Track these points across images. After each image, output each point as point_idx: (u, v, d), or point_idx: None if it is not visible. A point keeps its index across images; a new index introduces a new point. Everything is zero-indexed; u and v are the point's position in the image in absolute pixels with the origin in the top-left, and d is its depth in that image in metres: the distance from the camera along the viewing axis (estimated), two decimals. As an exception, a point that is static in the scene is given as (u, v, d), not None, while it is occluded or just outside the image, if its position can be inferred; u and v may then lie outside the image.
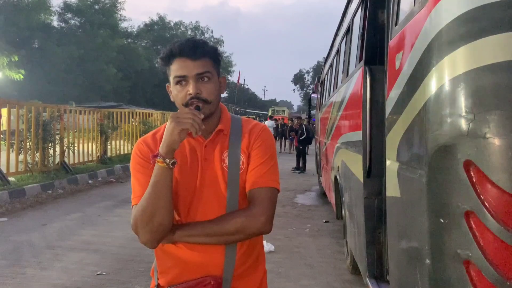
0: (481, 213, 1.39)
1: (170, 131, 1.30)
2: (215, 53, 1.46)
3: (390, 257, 2.44)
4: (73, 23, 35.53)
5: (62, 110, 10.95)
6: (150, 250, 4.75)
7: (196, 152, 1.46)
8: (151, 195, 1.34)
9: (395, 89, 2.18)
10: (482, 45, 1.45)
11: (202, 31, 47.63)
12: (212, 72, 1.42)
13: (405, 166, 2.00)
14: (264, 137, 1.49)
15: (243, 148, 1.47)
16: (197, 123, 1.30)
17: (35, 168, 9.43)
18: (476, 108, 1.42)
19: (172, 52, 1.41)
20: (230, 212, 1.41)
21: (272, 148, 1.51)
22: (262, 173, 1.44)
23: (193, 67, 1.38)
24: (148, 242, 1.40)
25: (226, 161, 1.45)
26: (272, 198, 1.43)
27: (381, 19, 3.21)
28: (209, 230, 1.38)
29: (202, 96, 1.39)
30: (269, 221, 1.40)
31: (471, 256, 1.41)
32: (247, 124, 1.53)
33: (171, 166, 1.32)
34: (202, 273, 1.43)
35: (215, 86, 1.43)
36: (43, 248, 5.14)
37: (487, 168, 1.38)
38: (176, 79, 1.40)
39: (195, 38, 1.46)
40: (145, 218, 1.35)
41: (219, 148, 1.46)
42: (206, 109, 1.39)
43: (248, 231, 1.39)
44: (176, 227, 1.41)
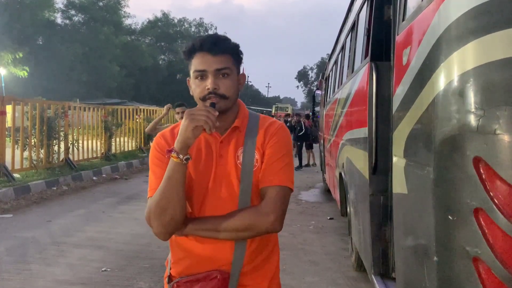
0: (491, 210, 1.37)
1: (185, 128, 1.31)
2: (236, 50, 1.47)
3: (397, 254, 2.42)
4: (77, 20, 35.57)
5: (67, 107, 10.98)
6: (154, 246, 4.77)
7: (211, 148, 1.48)
8: (164, 189, 1.36)
9: (402, 85, 2.16)
10: (492, 40, 1.43)
11: (206, 28, 47.59)
12: (232, 69, 1.43)
13: (412, 162, 1.99)
14: (280, 135, 1.49)
15: (258, 145, 1.47)
16: (211, 120, 1.30)
17: (39, 165, 9.46)
18: (486, 104, 1.40)
19: (193, 46, 1.42)
20: (241, 208, 1.42)
21: (287, 146, 1.50)
22: (275, 171, 1.44)
23: (213, 62, 1.40)
24: (160, 234, 1.42)
25: (240, 158, 1.46)
26: (283, 197, 1.43)
27: (387, 15, 3.18)
28: (218, 225, 1.39)
29: (219, 92, 1.40)
30: (279, 220, 1.40)
31: (480, 253, 1.40)
32: (264, 122, 1.53)
33: (184, 162, 1.34)
34: (211, 267, 1.45)
35: (234, 83, 1.45)
36: (48, 244, 5.15)
37: (497, 164, 1.37)
38: (195, 73, 1.42)
39: (217, 34, 1.48)
40: (158, 211, 1.38)
41: (234, 144, 1.47)
42: (222, 105, 1.40)
43: (257, 228, 1.39)
44: (188, 221, 1.43)
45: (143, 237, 5.48)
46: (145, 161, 13.60)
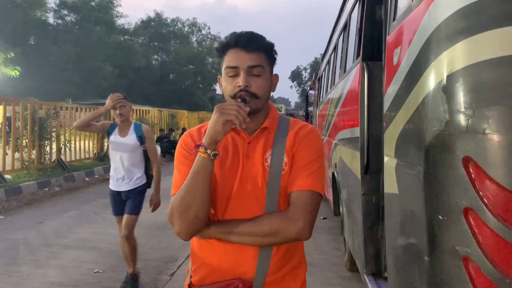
0: (480, 210, 1.37)
1: (214, 122, 1.26)
2: (271, 49, 1.42)
3: (388, 254, 2.43)
4: (69, 20, 35.31)
5: (59, 107, 10.91)
6: (147, 248, 4.72)
7: (238, 148, 1.43)
8: (189, 185, 1.31)
9: (393, 85, 2.16)
10: (481, 40, 1.43)
11: (199, 28, 47.43)
12: (265, 68, 1.39)
13: (403, 162, 1.99)
14: (311, 138, 1.43)
15: (288, 148, 1.41)
16: (241, 115, 1.25)
17: (31, 166, 9.39)
18: (475, 104, 1.41)
19: (227, 42, 1.38)
20: (267, 213, 1.36)
21: (318, 150, 1.43)
22: (305, 175, 1.37)
23: (246, 59, 1.35)
24: (181, 233, 1.36)
25: (268, 160, 1.40)
26: (313, 203, 1.36)
27: (378, 15, 3.19)
28: (243, 229, 1.33)
29: (251, 90, 1.35)
30: (307, 227, 1.33)
31: (470, 252, 1.40)
32: (294, 125, 1.47)
33: (212, 158, 1.29)
34: (233, 274, 1.38)
35: (266, 82, 1.40)
36: (40, 246, 5.11)
37: (486, 164, 1.37)
38: (227, 70, 1.38)
39: (252, 31, 1.43)
40: (181, 208, 1.33)
41: (263, 146, 1.42)
42: (253, 104, 1.35)
43: (284, 234, 1.32)
44: (211, 223, 1.38)
45: (136, 238, 5.45)
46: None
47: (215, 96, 49.63)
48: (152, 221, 6.30)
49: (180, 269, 4.43)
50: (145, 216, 6.69)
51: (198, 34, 47.65)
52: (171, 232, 5.73)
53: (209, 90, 49.73)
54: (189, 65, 43.59)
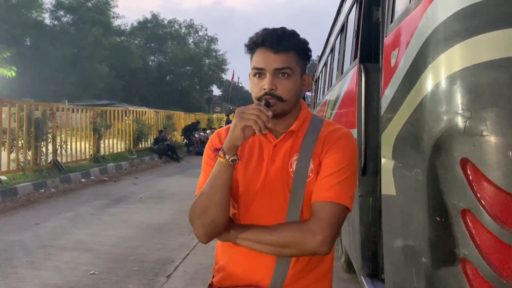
0: (478, 211, 1.38)
1: (233, 127, 1.22)
2: (303, 48, 1.34)
3: (385, 256, 2.43)
4: (66, 21, 35.23)
5: (55, 108, 10.87)
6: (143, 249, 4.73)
7: (263, 151, 1.38)
8: (208, 189, 1.29)
9: (391, 86, 2.16)
10: (479, 42, 1.44)
11: (196, 29, 47.41)
12: (294, 69, 1.31)
13: (400, 164, 1.99)
14: (342, 143, 1.34)
15: (315, 153, 1.33)
16: (262, 120, 1.19)
17: (27, 167, 9.35)
18: (473, 106, 1.41)
19: (255, 41, 1.32)
20: (287, 222, 1.31)
21: (349, 158, 1.33)
22: (331, 185, 1.29)
23: (273, 61, 1.28)
24: (199, 235, 1.35)
25: (293, 165, 1.34)
26: (336, 216, 1.27)
27: (376, 17, 3.20)
28: (261, 237, 1.29)
29: (276, 93, 1.29)
30: (327, 241, 1.25)
31: (468, 254, 1.40)
32: (327, 127, 1.38)
33: (231, 163, 1.25)
34: (250, 280, 1.36)
35: (294, 84, 1.32)
36: (35, 247, 5.09)
37: (484, 166, 1.37)
38: (254, 71, 1.32)
39: (283, 29, 1.34)
40: (199, 211, 1.31)
41: (289, 150, 1.35)
42: (278, 108, 1.29)
43: (301, 247, 1.26)
44: (231, 226, 1.34)
45: (132, 239, 5.44)
46: (134, 162, 13.52)
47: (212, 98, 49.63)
48: (149, 222, 6.29)
49: (176, 270, 4.42)
50: (142, 217, 6.70)
51: (195, 35, 47.65)
52: (168, 234, 5.74)
53: (206, 92, 49.75)
54: (186, 66, 43.57)
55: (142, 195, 8.53)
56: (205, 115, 30.43)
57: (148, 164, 14.22)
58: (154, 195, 8.63)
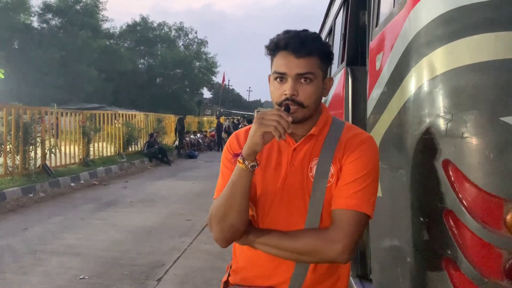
0: (460, 212, 1.41)
1: (253, 133, 1.20)
2: (326, 52, 1.32)
3: (373, 256, 2.46)
4: (54, 24, 34.98)
5: (43, 112, 10.79)
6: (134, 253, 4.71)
7: (282, 155, 1.36)
8: (227, 194, 1.28)
9: (376, 89, 2.20)
10: (460, 46, 1.47)
11: (186, 32, 47.36)
12: (316, 74, 1.29)
13: (386, 165, 2.02)
14: (364, 149, 1.32)
15: (336, 158, 1.32)
16: (282, 126, 1.17)
17: (15, 171, 9.26)
18: (454, 108, 1.45)
19: (278, 44, 1.29)
20: (307, 229, 1.30)
21: (371, 164, 1.32)
22: (352, 192, 1.27)
23: (295, 66, 1.26)
24: (218, 240, 1.34)
25: (313, 170, 1.32)
26: (357, 224, 1.27)
27: (362, 20, 3.24)
28: (280, 243, 1.29)
29: (297, 99, 1.27)
30: (347, 250, 1.24)
31: (451, 254, 1.43)
32: (348, 131, 1.37)
33: (250, 169, 1.24)
34: (269, 282, 1.36)
35: (316, 89, 1.30)
36: (24, 252, 5.04)
37: (465, 167, 1.41)
38: (275, 75, 1.30)
39: (306, 32, 1.32)
40: (218, 216, 1.30)
41: (309, 154, 1.34)
42: (299, 114, 1.27)
43: (320, 255, 1.26)
44: (251, 230, 1.33)
45: (123, 243, 5.42)
46: (124, 166, 13.46)
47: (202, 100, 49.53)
48: (139, 226, 6.27)
49: (167, 274, 4.41)
50: (132, 220, 6.67)
51: (185, 38, 47.57)
52: (159, 237, 5.73)
53: (197, 94, 49.66)
54: (176, 69, 43.48)
55: (132, 199, 8.50)
56: (196, 117, 30.38)
57: (138, 168, 14.15)
58: (144, 198, 8.59)
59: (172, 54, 42.26)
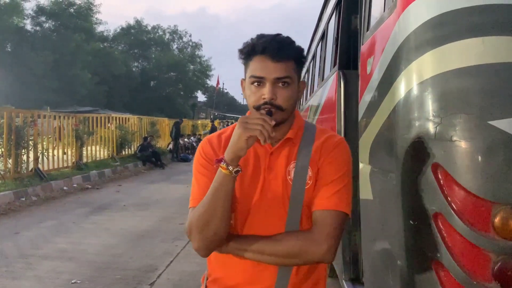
0: (449, 215, 1.42)
1: (237, 137, 1.19)
2: (300, 56, 1.33)
3: (365, 259, 2.46)
4: (47, 27, 34.84)
5: (36, 116, 10.73)
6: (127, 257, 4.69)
7: (260, 159, 1.35)
8: (209, 202, 1.25)
9: (367, 93, 2.21)
10: (448, 50, 1.49)
11: (181, 35, 47.34)
12: (293, 77, 1.30)
13: (377, 169, 2.03)
14: (339, 151, 1.35)
15: (313, 161, 1.33)
16: (266, 130, 1.18)
17: (7, 175, 9.20)
18: (443, 112, 1.46)
19: (254, 48, 1.28)
20: (289, 232, 1.30)
21: (347, 165, 1.35)
22: (331, 193, 1.29)
23: (273, 70, 1.26)
24: (200, 249, 1.31)
25: (291, 173, 1.33)
26: (339, 224, 1.28)
27: (354, 24, 3.26)
28: (263, 247, 1.27)
29: (276, 103, 1.27)
30: (332, 250, 1.26)
31: (440, 256, 1.44)
32: (321, 134, 1.39)
33: (234, 174, 1.22)
34: None
35: (293, 93, 1.31)
36: (16, 257, 5.01)
37: (454, 170, 1.42)
38: (252, 79, 1.29)
39: (281, 36, 1.32)
40: (200, 225, 1.26)
41: (286, 158, 1.34)
42: (278, 116, 1.27)
43: (306, 257, 1.26)
44: (231, 238, 1.31)
45: (115, 247, 5.39)
46: (117, 170, 13.40)
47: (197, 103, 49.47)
48: (132, 230, 6.24)
49: (160, 278, 4.39)
50: (125, 224, 6.64)
51: (179, 41, 47.57)
52: (151, 241, 5.71)
53: (191, 98, 49.63)
54: (170, 72, 43.44)
55: (125, 203, 8.46)
56: (190, 121, 30.34)
57: (131, 171, 14.10)
58: (137, 202, 8.56)
59: (166, 57, 42.22)
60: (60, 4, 34.38)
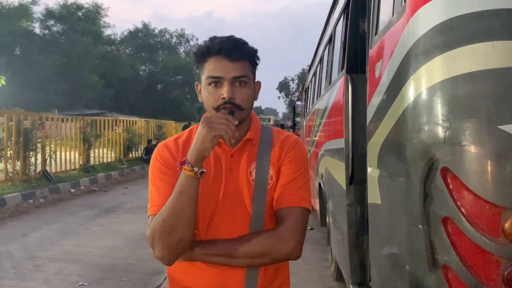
0: (458, 219, 1.41)
1: (202, 137, 1.17)
2: (254, 55, 1.34)
3: (372, 264, 2.46)
4: (56, 30, 35.16)
5: (44, 118, 10.81)
6: (133, 259, 4.68)
7: (220, 161, 1.34)
8: (173, 206, 1.20)
9: (375, 97, 2.21)
10: (457, 55, 1.49)
11: (187, 39, 47.58)
12: (249, 76, 1.30)
13: (385, 173, 2.03)
14: (297, 150, 1.36)
15: (273, 161, 1.34)
16: (231, 129, 1.17)
17: (15, 177, 9.27)
18: (452, 116, 1.45)
19: (209, 49, 1.27)
20: (255, 232, 1.29)
21: (305, 163, 1.37)
22: (293, 191, 1.31)
23: (231, 69, 1.26)
24: (164, 258, 1.25)
25: (253, 174, 1.32)
26: (303, 220, 1.30)
27: (362, 28, 3.26)
28: (231, 250, 1.25)
29: (235, 102, 1.27)
30: (299, 245, 1.27)
31: (449, 261, 1.44)
32: (278, 135, 1.40)
33: (199, 176, 1.19)
34: None
35: (251, 92, 1.31)
36: (23, 259, 5.03)
37: (463, 174, 1.41)
38: (209, 80, 1.27)
39: (235, 37, 1.32)
40: (165, 231, 1.21)
41: (246, 159, 1.34)
42: (237, 116, 1.26)
43: (275, 255, 1.25)
44: (195, 244, 1.27)
45: (121, 250, 5.41)
46: (124, 172, 13.46)
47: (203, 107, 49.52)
48: (138, 233, 6.25)
49: (166, 281, 4.40)
50: (131, 227, 6.66)
51: (186, 45, 47.79)
52: (158, 244, 5.70)
53: (197, 101, 49.63)
54: (177, 75, 43.62)
55: (131, 205, 8.49)
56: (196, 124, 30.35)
57: (138, 174, 14.14)
58: (144, 205, 8.54)
59: (173, 61, 42.43)
60: (68, 7, 34.70)
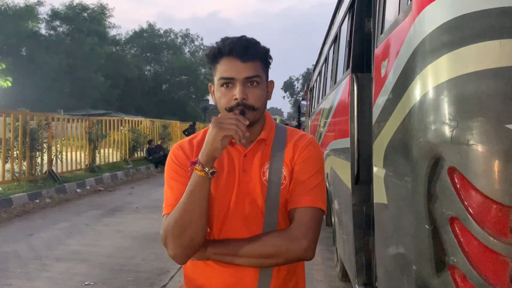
0: (465, 219, 1.40)
1: (213, 137, 1.18)
2: (266, 56, 1.34)
3: (378, 264, 2.44)
4: (61, 31, 35.32)
5: (50, 118, 10.87)
6: (139, 259, 4.71)
7: (234, 161, 1.34)
8: (185, 206, 1.22)
9: (381, 96, 2.20)
10: (464, 53, 1.47)
11: (192, 39, 47.64)
12: (262, 76, 1.30)
13: (391, 173, 2.02)
14: (311, 150, 1.35)
15: (286, 161, 1.34)
16: (241, 129, 1.18)
17: (22, 177, 9.33)
18: (459, 116, 1.44)
19: (220, 50, 1.28)
20: (268, 232, 1.29)
21: (319, 163, 1.36)
22: (307, 191, 1.30)
23: (242, 70, 1.26)
24: (177, 256, 1.27)
25: (266, 174, 1.33)
26: (316, 220, 1.29)
27: (367, 27, 3.24)
28: (243, 250, 1.25)
29: (248, 102, 1.27)
30: (312, 246, 1.26)
31: (456, 261, 1.42)
32: (292, 135, 1.39)
33: (210, 176, 1.21)
34: None
35: (263, 92, 1.32)
36: (30, 258, 5.07)
37: (470, 174, 1.40)
38: (222, 81, 1.28)
39: (247, 37, 1.32)
40: (177, 230, 1.23)
41: (260, 159, 1.34)
42: (250, 116, 1.27)
43: (287, 255, 1.25)
44: (208, 243, 1.28)
45: (128, 249, 5.43)
46: (130, 172, 13.50)
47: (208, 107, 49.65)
48: (144, 232, 6.27)
49: (172, 281, 4.41)
50: (137, 227, 6.68)
51: (191, 45, 47.88)
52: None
53: (202, 101, 49.79)
54: (182, 75, 43.68)
55: (137, 205, 8.52)
56: (201, 124, 30.47)
57: (143, 174, 14.19)
58: (149, 205, 8.61)
59: (178, 61, 42.49)
60: (74, 8, 34.84)
